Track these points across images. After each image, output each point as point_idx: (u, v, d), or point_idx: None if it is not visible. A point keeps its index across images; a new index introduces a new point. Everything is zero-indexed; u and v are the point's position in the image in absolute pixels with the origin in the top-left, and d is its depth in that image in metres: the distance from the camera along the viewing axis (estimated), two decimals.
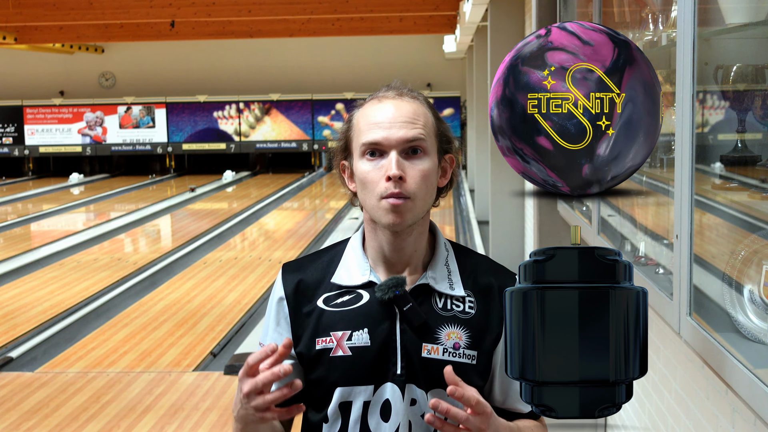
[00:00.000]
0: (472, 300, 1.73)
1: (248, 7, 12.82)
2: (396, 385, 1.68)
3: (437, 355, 1.68)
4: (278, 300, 1.78)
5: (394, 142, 1.66)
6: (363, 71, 20.50)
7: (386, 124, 1.67)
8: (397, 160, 1.65)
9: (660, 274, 2.82)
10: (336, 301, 1.74)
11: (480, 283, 1.75)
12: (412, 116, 1.69)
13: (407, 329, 1.69)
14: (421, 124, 1.69)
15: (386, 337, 1.69)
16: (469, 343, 1.70)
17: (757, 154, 2.39)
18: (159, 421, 5.06)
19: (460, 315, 1.71)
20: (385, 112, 1.69)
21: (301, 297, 1.76)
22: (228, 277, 9.04)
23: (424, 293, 1.72)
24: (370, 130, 1.68)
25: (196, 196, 16.44)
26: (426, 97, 1.77)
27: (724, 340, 2.06)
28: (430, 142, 1.69)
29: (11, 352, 6.54)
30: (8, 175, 21.11)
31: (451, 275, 1.75)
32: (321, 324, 1.72)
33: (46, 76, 21.45)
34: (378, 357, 1.69)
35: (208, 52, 20.99)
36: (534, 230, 5.96)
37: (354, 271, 1.75)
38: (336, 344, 1.70)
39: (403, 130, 1.66)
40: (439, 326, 1.70)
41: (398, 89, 1.73)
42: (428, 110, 1.73)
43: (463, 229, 12.02)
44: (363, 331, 1.70)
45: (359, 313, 1.71)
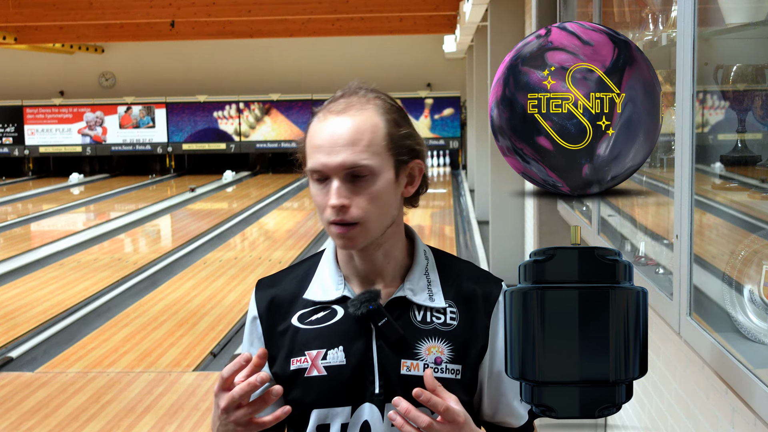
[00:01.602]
0: (454, 311, 1.64)
1: (248, 7, 12.82)
2: (374, 405, 1.60)
3: (417, 371, 1.59)
4: (252, 320, 1.70)
5: (334, 169, 1.55)
6: (363, 71, 20.49)
7: (326, 149, 1.56)
8: (337, 189, 1.55)
9: (660, 274, 2.82)
10: (311, 318, 1.65)
11: (463, 292, 1.66)
12: (353, 137, 1.55)
13: (384, 346, 1.60)
14: (365, 144, 1.56)
15: (362, 354, 1.61)
16: (452, 357, 1.61)
17: (757, 154, 2.39)
18: (159, 421, 5.06)
19: (441, 327, 1.62)
20: (325, 134, 1.57)
21: (275, 315, 1.68)
22: (228, 277, 9.04)
23: (401, 306, 1.63)
24: (313, 155, 1.58)
25: (196, 196, 16.44)
26: (385, 97, 1.63)
27: (724, 340, 2.06)
28: (377, 160, 1.56)
29: (11, 352, 6.54)
30: (8, 175, 21.10)
31: (431, 285, 1.65)
32: (296, 342, 1.64)
33: (46, 76, 21.45)
34: (354, 376, 1.60)
35: (208, 52, 20.99)
36: (534, 230, 5.96)
37: (328, 285, 1.66)
38: (311, 364, 1.62)
39: (342, 155, 1.55)
40: (419, 341, 1.61)
41: (348, 98, 1.60)
42: (380, 118, 1.59)
43: (463, 229, 12.02)
44: (338, 349, 1.61)
45: (334, 331, 1.62)
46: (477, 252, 10.08)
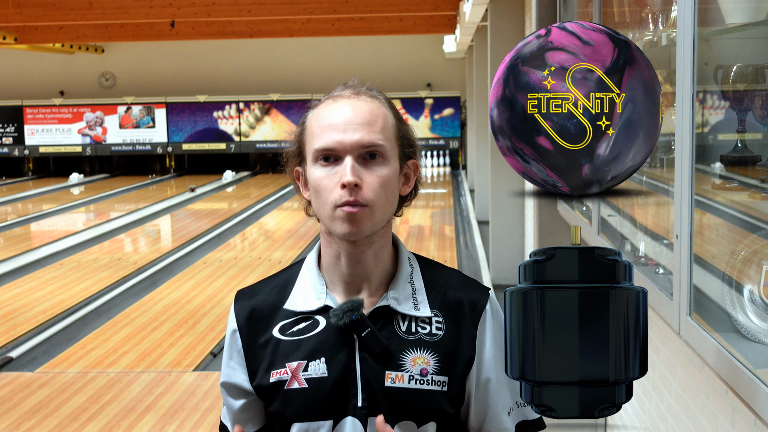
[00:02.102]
0: (440, 320, 1.59)
1: (248, 7, 12.83)
2: (357, 419, 1.55)
3: (402, 383, 1.54)
4: (231, 333, 1.65)
5: (349, 147, 1.52)
6: (363, 71, 20.47)
7: (341, 127, 1.53)
8: (352, 166, 1.51)
9: (660, 274, 2.82)
10: (292, 329, 1.60)
11: (448, 300, 1.61)
12: (369, 117, 1.55)
13: (367, 357, 1.55)
14: (380, 126, 1.55)
15: (344, 366, 1.56)
16: (438, 368, 1.56)
17: (757, 154, 2.39)
18: (159, 421, 5.06)
19: (427, 338, 1.57)
20: (339, 114, 1.55)
21: (255, 326, 1.62)
22: (228, 277, 9.04)
23: (385, 316, 1.58)
24: (324, 134, 1.54)
25: (196, 196, 16.43)
26: (387, 96, 1.63)
27: (724, 340, 2.06)
28: (389, 145, 1.56)
29: (11, 352, 6.54)
30: (8, 175, 21.10)
31: (416, 294, 1.60)
32: (277, 354, 1.59)
33: (46, 76, 21.45)
34: (336, 389, 1.55)
35: (208, 52, 20.99)
36: (534, 230, 5.97)
37: (309, 294, 1.61)
38: (291, 376, 1.57)
39: (359, 134, 1.52)
40: (403, 351, 1.56)
41: (355, 88, 1.60)
42: (388, 110, 1.60)
43: (463, 229, 12.02)
44: (320, 361, 1.56)
45: (315, 342, 1.57)
46: (477, 252, 10.08)
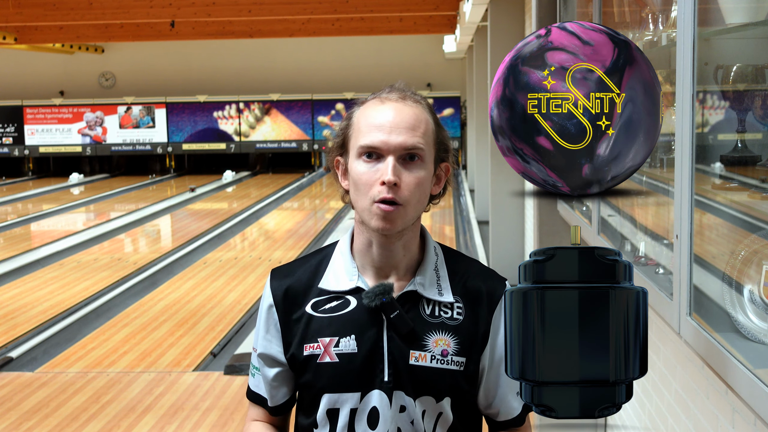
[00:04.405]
0: (460, 306, 1.72)
1: (248, 7, 12.82)
2: (383, 392, 1.68)
3: (425, 362, 1.68)
4: (268, 307, 1.78)
5: (393, 148, 1.63)
6: (363, 71, 20.50)
7: (386, 128, 1.64)
8: (393, 166, 1.63)
9: (660, 274, 2.82)
10: (324, 306, 1.73)
11: (469, 288, 1.74)
12: (413, 122, 1.66)
13: (394, 336, 1.69)
14: (422, 132, 1.66)
15: (373, 344, 1.69)
16: (458, 349, 1.69)
17: (757, 154, 2.39)
18: (159, 421, 5.06)
19: (448, 321, 1.70)
20: (386, 115, 1.66)
21: (291, 303, 1.75)
22: (228, 277, 9.04)
23: (411, 300, 1.71)
24: (370, 133, 1.65)
25: (196, 196, 16.43)
26: (428, 102, 1.74)
27: (724, 340, 2.06)
28: (428, 149, 1.67)
29: (11, 352, 6.53)
30: (8, 175, 21.10)
31: (440, 281, 1.73)
32: (309, 330, 1.72)
33: (46, 76, 21.45)
34: (365, 364, 1.69)
35: (208, 52, 20.99)
36: (534, 230, 5.96)
37: (342, 276, 1.74)
38: (323, 350, 1.70)
39: (403, 137, 1.64)
40: (427, 333, 1.69)
41: (402, 91, 1.70)
42: (430, 116, 1.70)
43: (463, 229, 12.02)
44: (350, 338, 1.69)
45: (346, 320, 1.70)
46: (477, 252, 10.07)
